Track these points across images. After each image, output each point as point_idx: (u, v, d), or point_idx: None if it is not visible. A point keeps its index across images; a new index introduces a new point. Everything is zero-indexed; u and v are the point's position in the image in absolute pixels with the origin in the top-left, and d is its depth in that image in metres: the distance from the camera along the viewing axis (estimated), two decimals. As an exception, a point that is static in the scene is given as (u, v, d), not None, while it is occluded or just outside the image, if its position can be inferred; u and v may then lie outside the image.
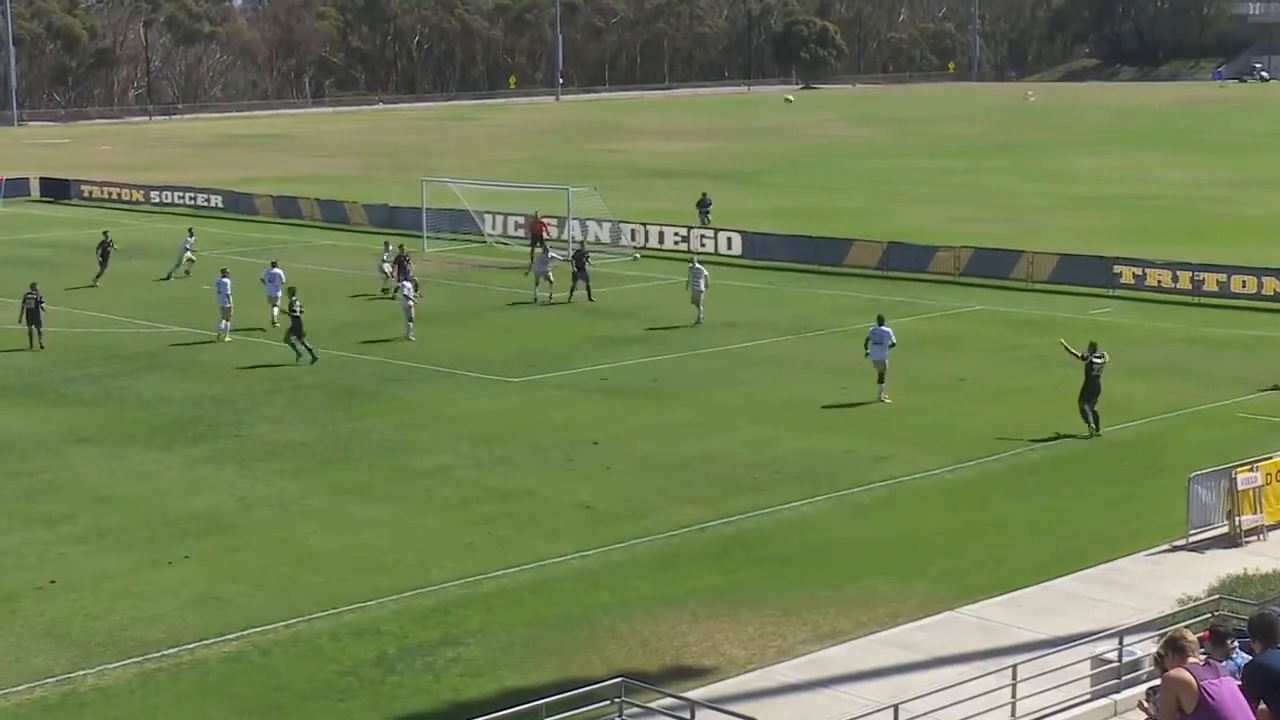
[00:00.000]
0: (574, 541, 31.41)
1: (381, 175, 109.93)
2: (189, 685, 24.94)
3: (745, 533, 32.02)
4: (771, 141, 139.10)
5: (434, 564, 30.20)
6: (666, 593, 28.53)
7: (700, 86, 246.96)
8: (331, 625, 27.21)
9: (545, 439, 39.16)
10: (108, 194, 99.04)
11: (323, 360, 48.41)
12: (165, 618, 27.57)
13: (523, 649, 26.07)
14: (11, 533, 32.35)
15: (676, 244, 71.22)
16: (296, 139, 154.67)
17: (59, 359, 49.23)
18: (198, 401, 43.63)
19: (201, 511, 33.68)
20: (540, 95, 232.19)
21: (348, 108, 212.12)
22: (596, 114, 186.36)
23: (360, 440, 39.39)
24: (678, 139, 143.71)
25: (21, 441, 39.52)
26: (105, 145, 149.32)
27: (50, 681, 24.96)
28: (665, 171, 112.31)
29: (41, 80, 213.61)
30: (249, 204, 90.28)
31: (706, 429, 40.10)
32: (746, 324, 53.93)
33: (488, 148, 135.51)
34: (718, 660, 25.43)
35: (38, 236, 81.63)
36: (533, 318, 56.24)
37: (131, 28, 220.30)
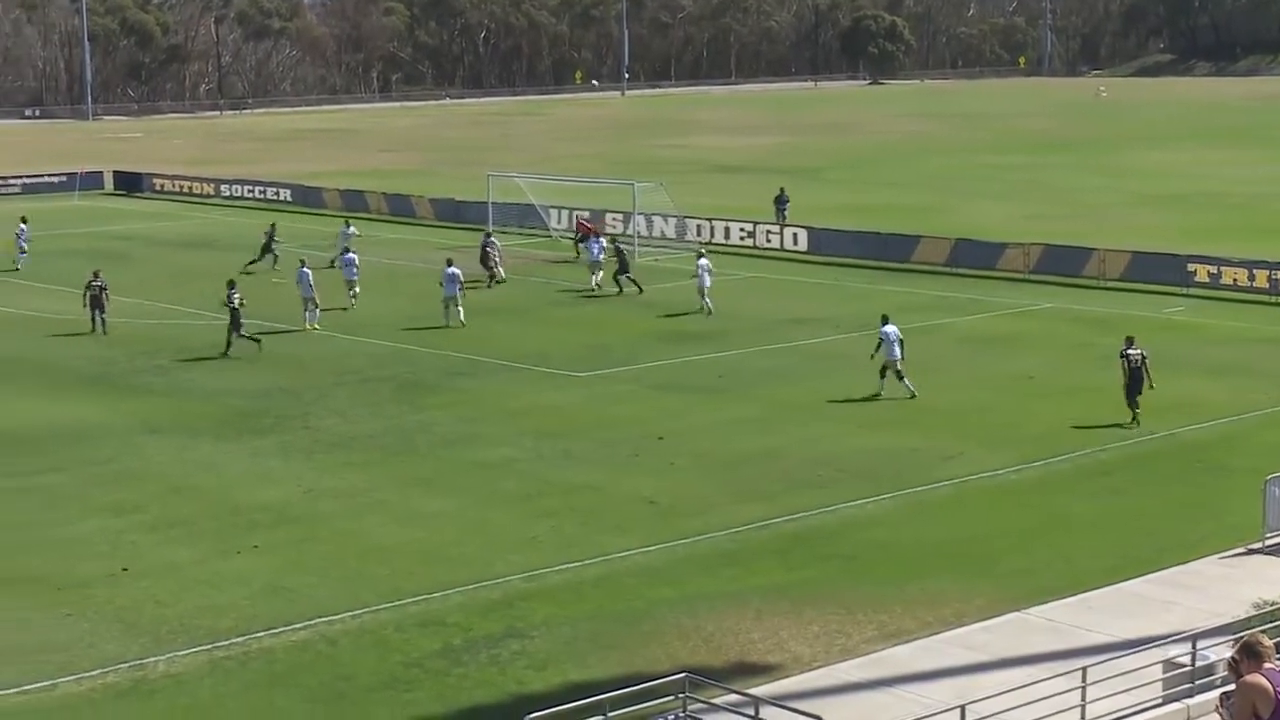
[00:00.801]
0: (638, 536, 31.45)
1: (448, 170, 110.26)
2: (257, 674, 25.14)
3: (809, 530, 31.98)
4: (838, 137, 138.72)
5: (498, 557, 30.31)
6: (730, 589, 28.54)
7: (767, 82, 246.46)
8: (397, 616, 27.36)
9: (609, 434, 39.23)
10: (179, 187, 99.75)
11: (388, 353, 48.67)
12: (234, 607, 27.79)
13: (586, 643, 26.14)
14: (84, 521, 32.67)
15: (742, 239, 71.18)
16: (364, 133, 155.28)
17: (130, 350, 49.63)
18: (266, 393, 43.90)
19: (270, 502, 33.91)
20: (606, 90, 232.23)
21: (415, 102, 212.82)
22: (662, 109, 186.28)
23: (425, 433, 39.56)
24: (744, 134, 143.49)
25: (94, 431, 39.89)
26: (177, 139, 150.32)
27: (122, 667, 25.21)
28: (731, 167, 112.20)
29: (116, 75, 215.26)
30: (317, 198, 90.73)
31: (770, 425, 40.07)
32: (812, 320, 53.83)
33: (553, 143, 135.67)
34: (782, 657, 25.42)
35: (111, 229, 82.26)
36: (597, 312, 56.31)
37: (203, 24, 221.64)
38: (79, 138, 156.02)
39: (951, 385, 44.32)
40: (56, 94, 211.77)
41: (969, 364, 47.24)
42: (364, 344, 50.36)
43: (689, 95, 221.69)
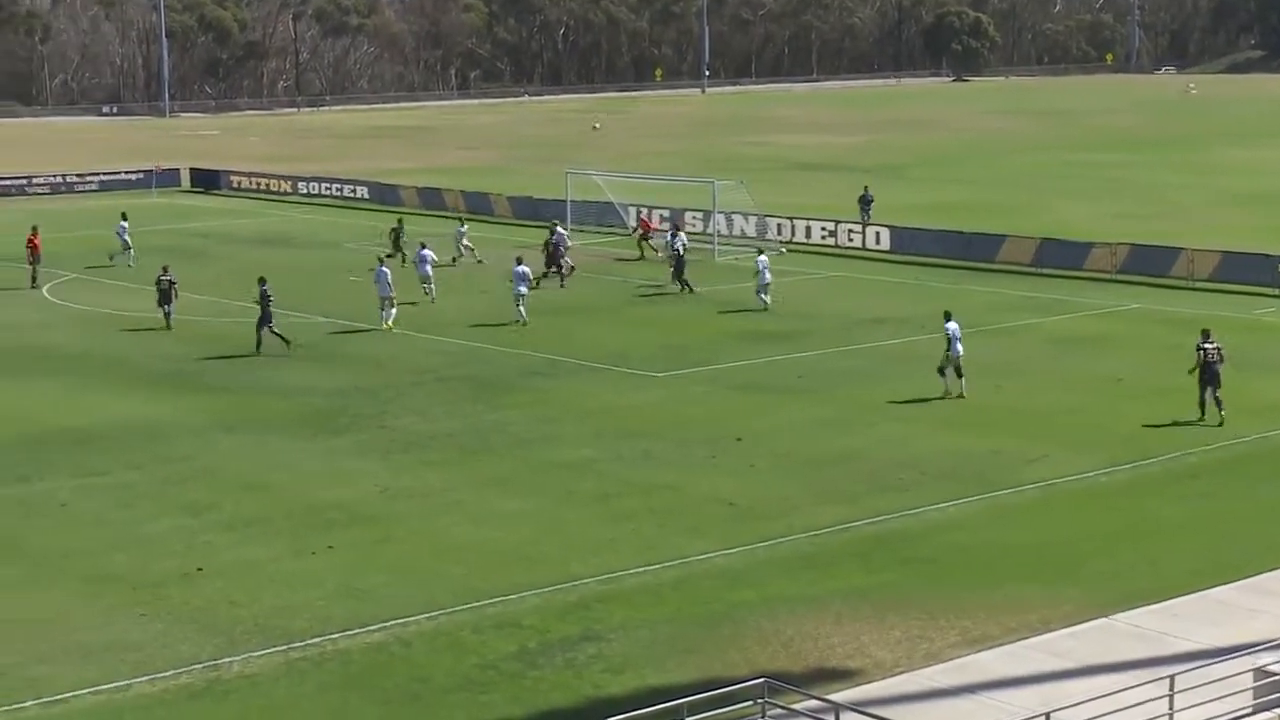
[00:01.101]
0: (716, 538, 31.36)
1: (526, 167, 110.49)
2: (332, 675, 25.20)
3: (890, 533, 31.81)
4: (921, 135, 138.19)
5: (575, 558, 30.28)
6: (810, 592, 28.40)
7: (849, 79, 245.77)
8: (473, 618, 27.36)
9: (688, 434, 39.15)
10: (256, 185, 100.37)
11: (465, 352, 48.79)
12: (309, 607, 27.87)
13: (664, 646, 26.06)
14: (159, 520, 32.87)
15: (824, 238, 70.96)
16: (442, 130, 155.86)
17: (206, 347, 49.92)
18: (342, 392, 44.07)
19: (345, 502, 34.01)
20: (686, 87, 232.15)
21: (493, 99, 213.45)
22: (743, 106, 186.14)
23: (502, 433, 39.59)
24: (825, 132, 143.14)
25: (169, 429, 40.13)
26: (254, 136, 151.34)
27: (197, 668, 25.33)
28: (812, 165, 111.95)
29: (193, 72, 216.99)
30: (394, 195, 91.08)
31: (851, 427, 39.90)
32: (893, 320, 53.59)
33: (633, 140, 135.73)
34: (863, 662, 25.27)
35: (188, 226, 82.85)
36: (676, 312, 56.22)
37: (281, 20, 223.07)
38: (156, 134, 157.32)
39: (1037, 387, 44.01)
40: (134, 91, 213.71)
41: (1055, 365, 46.89)
42: (441, 343, 50.47)
43: (770, 92, 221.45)
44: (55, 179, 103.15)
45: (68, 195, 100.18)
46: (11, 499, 34.41)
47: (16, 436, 39.51)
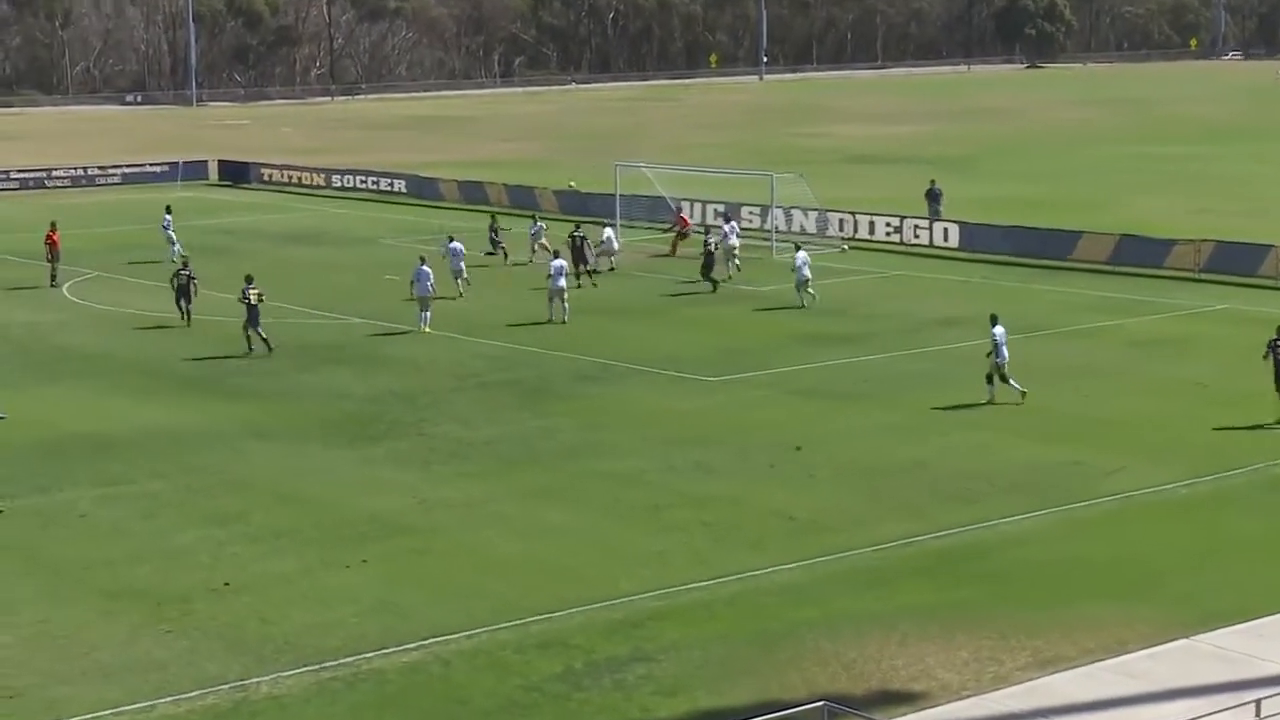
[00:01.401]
0: (775, 553, 31.34)
1: (573, 159, 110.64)
2: (366, 696, 25.27)
3: (960, 548, 31.74)
4: (992, 125, 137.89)
5: (625, 574, 30.30)
6: (874, 610, 28.37)
7: (915, 66, 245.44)
8: (516, 636, 27.41)
9: (745, 443, 39.15)
10: (288, 178, 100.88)
11: (509, 355, 48.89)
12: (342, 624, 27.97)
13: (718, 667, 26.06)
14: (185, 531, 33.03)
15: (888, 235, 70.87)
16: (484, 120, 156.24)
17: (235, 350, 50.10)
18: (379, 397, 44.21)
19: (381, 513, 34.12)
20: (742, 75, 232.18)
21: (538, 87, 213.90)
22: (803, 95, 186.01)
23: (548, 441, 39.66)
24: (890, 122, 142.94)
25: (196, 436, 40.33)
26: (286, 127, 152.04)
27: (223, 688, 25.43)
28: (876, 157, 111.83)
29: (221, 59, 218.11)
30: (433, 189, 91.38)
31: (918, 435, 39.82)
32: (963, 322, 53.43)
33: (686, 131, 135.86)
34: (928, 685, 25.23)
35: (215, 222, 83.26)
36: (732, 313, 56.23)
37: (314, 4, 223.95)
38: (182, 124, 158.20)
39: (1115, 393, 43.87)
40: (159, 78, 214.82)
41: (1134, 370, 46.72)
42: (484, 345, 50.60)
43: (831, 80, 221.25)
44: (76, 171, 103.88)
45: (89, 188, 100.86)
46: (29, 509, 34.63)
47: (34, 443, 39.76)
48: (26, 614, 28.59)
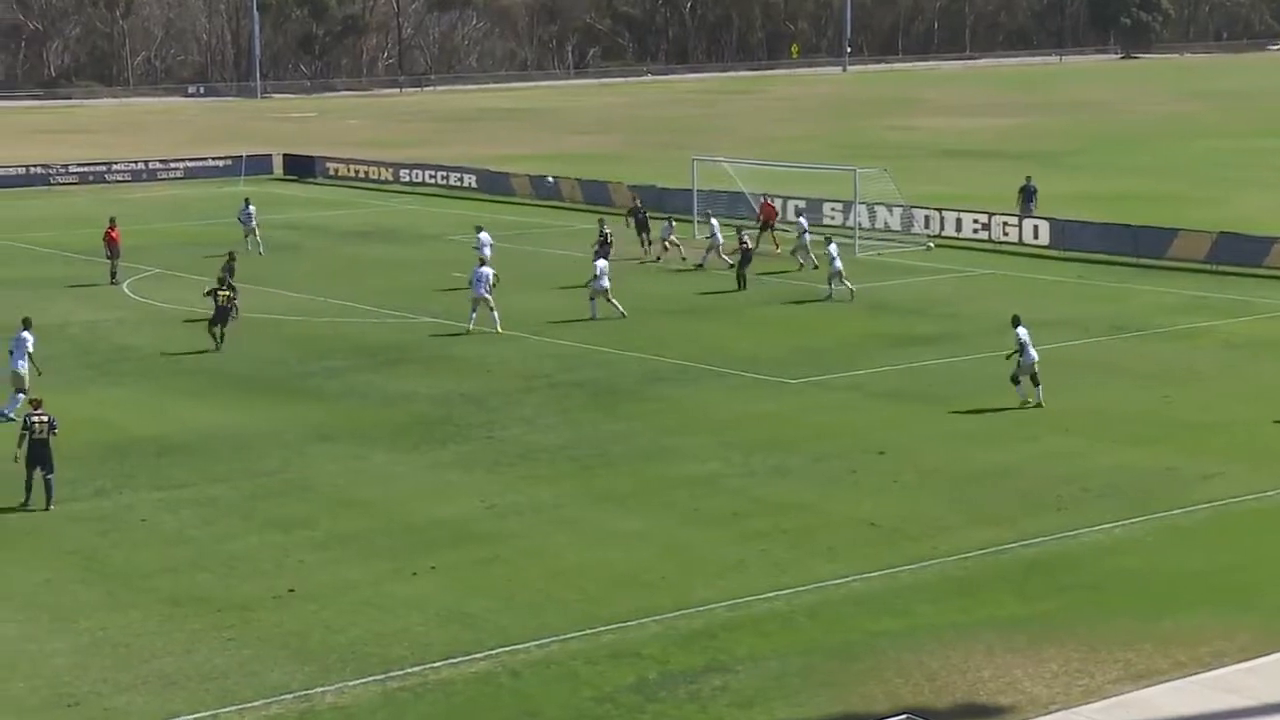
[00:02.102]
0: (856, 562, 31.33)
1: (649, 153, 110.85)
2: (433, 707, 25.39)
3: (1048, 557, 31.64)
4: (1085, 118, 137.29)
5: (700, 582, 30.34)
6: (958, 621, 28.33)
7: (1005, 56, 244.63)
8: (588, 646, 27.49)
9: (825, 447, 39.13)
10: (354, 172, 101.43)
11: (581, 355, 49.00)
12: (409, 633, 28.11)
13: (797, 679, 26.08)
14: (248, 537, 33.27)
15: (976, 232, 70.68)
16: (557, 113, 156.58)
17: (300, 350, 50.45)
18: (446, 399, 44.40)
19: (449, 519, 34.27)
20: (825, 65, 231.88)
21: (613, 79, 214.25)
22: (888, 87, 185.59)
23: (621, 444, 39.73)
24: (978, 115, 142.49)
25: (259, 439, 40.59)
26: (352, 119, 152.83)
27: (287, 698, 25.58)
28: (964, 151, 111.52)
29: (287, 49, 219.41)
30: (504, 184, 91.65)
31: (1005, 440, 39.72)
32: (1052, 323, 53.24)
33: (766, 124, 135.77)
34: (1015, 698, 25.18)
35: (280, 217, 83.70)
36: (812, 313, 56.21)
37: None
38: (246, 117, 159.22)
39: (1213, 396, 43.64)
40: (223, 69, 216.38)
41: (1233, 373, 46.45)
42: (554, 345, 50.74)
43: (917, 71, 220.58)
44: (137, 165, 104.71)
45: (150, 183, 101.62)
46: (89, 513, 34.94)
47: (93, 446, 40.09)
48: (86, 621, 28.87)
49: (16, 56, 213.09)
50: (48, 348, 50.47)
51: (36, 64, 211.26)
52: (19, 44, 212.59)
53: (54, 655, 27.32)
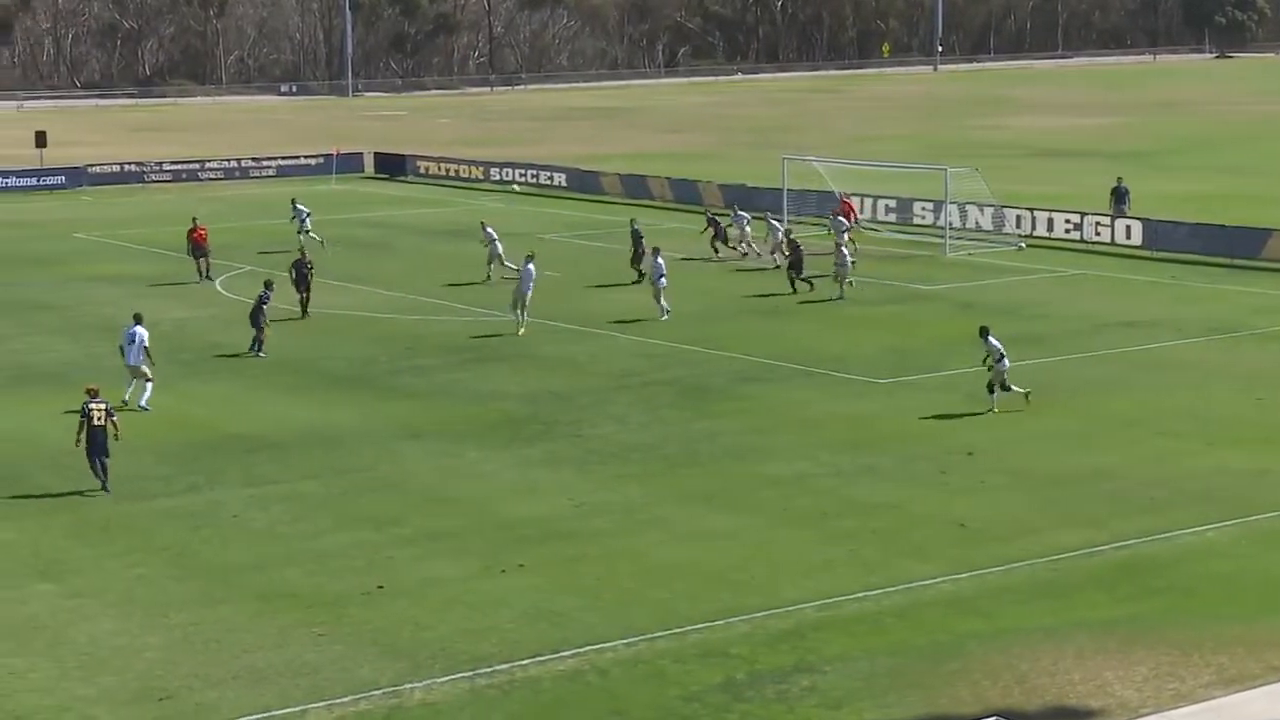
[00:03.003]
0: (944, 563, 31.23)
1: (739, 152, 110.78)
2: (521, 705, 25.47)
3: (1140, 559, 31.45)
4: (1179, 117, 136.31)
5: (788, 582, 30.32)
6: (1048, 623, 28.20)
7: (1098, 55, 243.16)
8: (675, 645, 27.51)
9: (914, 448, 39.01)
10: (445, 171, 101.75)
11: (672, 354, 49.01)
12: (497, 630, 28.21)
13: (885, 680, 26.02)
14: (338, 534, 33.46)
15: (1068, 232, 70.28)
16: (647, 112, 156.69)
17: (391, 348, 50.67)
18: (535, 397, 44.50)
19: (537, 517, 34.36)
20: (916, 65, 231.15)
21: (703, 78, 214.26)
22: (979, 86, 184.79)
23: (710, 443, 39.73)
24: (1070, 114, 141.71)
25: (350, 437, 40.79)
26: (443, 118, 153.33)
27: (376, 694, 25.73)
28: (1056, 151, 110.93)
29: (378, 48, 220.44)
30: (594, 183, 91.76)
31: (1097, 441, 39.49)
32: (1145, 324, 52.95)
33: (856, 123, 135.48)
34: (1105, 701, 25.05)
35: (370, 215, 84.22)
36: (901, 313, 56.03)
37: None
38: (338, 115, 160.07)
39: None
40: (314, 68, 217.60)
41: (1328, 375, 46.06)
42: (643, 344, 50.77)
43: (1009, 70, 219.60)
44: (230, 163, 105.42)
45: (242, 181, 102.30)
46: (181, 509, 35.23)
47: (186, 443, 40.43)
48: (178, 615, 29.11)
49: (112, 55, 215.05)
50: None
51: (132, 63, 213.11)
52: (115, 43, 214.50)
53: (146, 649, 27.58)
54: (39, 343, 52.80)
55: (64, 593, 30.34)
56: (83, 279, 64.13)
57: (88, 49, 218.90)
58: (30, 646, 27.80)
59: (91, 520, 34.49)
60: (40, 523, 34.38)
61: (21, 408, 44.41)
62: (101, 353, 50.86)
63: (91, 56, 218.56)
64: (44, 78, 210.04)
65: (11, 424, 42.59)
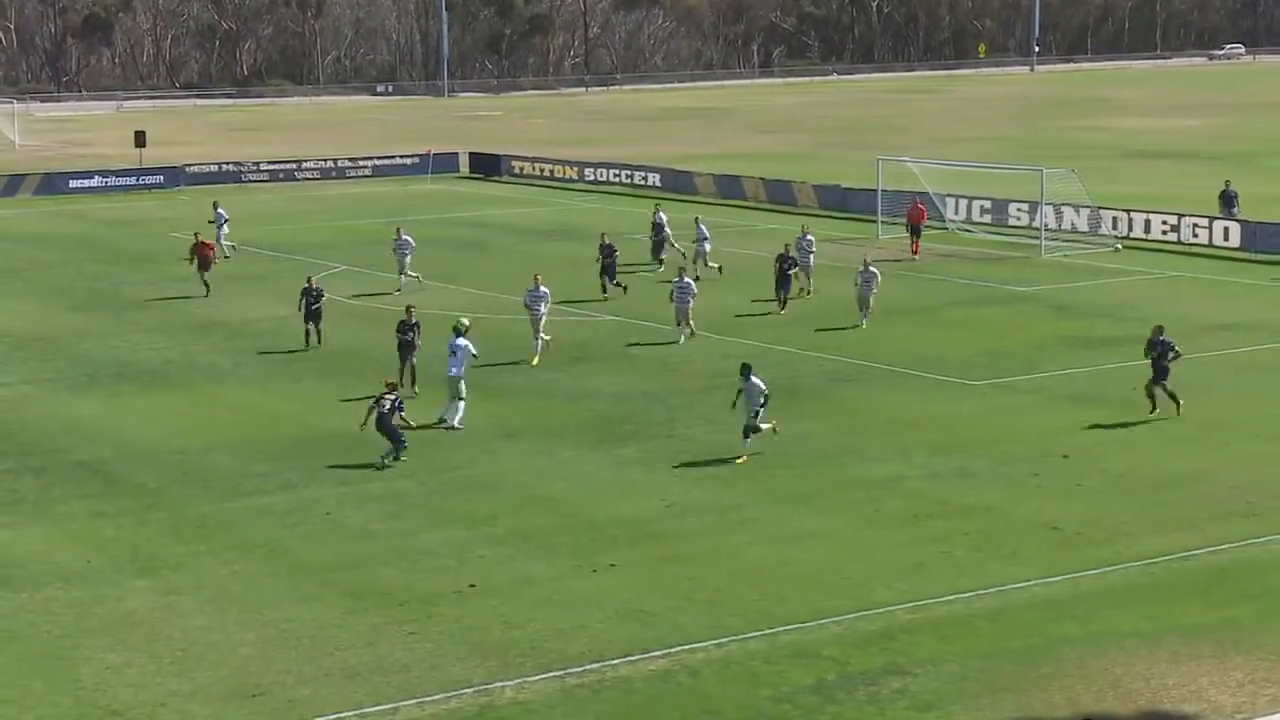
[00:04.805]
0: (1038, 566, 31.07)
1: (834, 153, 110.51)
2: (612, 704, 25.50)
3: (1237, 564, 31.19)
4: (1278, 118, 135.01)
5: (880, 584, 30.24)
6: (1142, 627, 28.01)
7: (1198, 56, 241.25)
8: (766, 646, 27.49)
9: (1008, 450, 38.82)
10: (539, 170, 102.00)
11: (764, 355, 48.91)
12: (588, 630, 28.26)
13: (977, 683, 25.92)
14: (432, 532, 33.59)
15: (1165, 234, 69.75)
16: (741, 113, 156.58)
17: (486, 347, 50.55)
18: (629, 397, 44.54)
19: (629, 516, 34.40)
20: (1012, 65, 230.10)
21: (798, 78, 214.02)
22: (1076, 86, 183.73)
23: (802, 444, 39.65)
24: (1169, 115, 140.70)
25: (445, 435, 40.92)
26: (538, 118, 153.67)
27: (467, 692, 25.83)
28: (1153, 152, 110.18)
29: (474, 48, 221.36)
30: (688, 183, 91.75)
31: (1194, 445, 39.18)
32: (1242, 326, 52.52)
33: (952, 123, 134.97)
34: (1199, 707, 24.86)
35: (464, 215, 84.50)
36: (996, 314, 55.77)
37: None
38: (434, 115, 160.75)
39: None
40: (410, 69, 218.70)
41: None
42: (736, 344, 50.71)
43: (1107, 71, 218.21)
44: (326, 163, 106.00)
45: (338, 181, 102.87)
46: (276, 507, 35.48)
47: (282, 440, 40.71)
48: (271, 613, 29.31)
49: (211, 55, 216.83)
50: (236, 343, 51.37)
51: (230, 63, 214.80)
52: (214, 43, 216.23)
53: (240, 646, 27.79)
54: (137, 340, 53.27)
55: (160, 589, 30.62)
56: (179, 278, 64.60)
57: (187, 50, 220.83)
58: (127, 642, 28.09)
59: (188, 518, 34.79)
60: (138, 519, 34.72)
61: (121, 405, 44.83)
62: (196, 351, 51.37)
63: (190, 57, 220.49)
64: (143, 78, 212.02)
65: (111, 422, 42.99)
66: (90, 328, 55.50)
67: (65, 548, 33.03)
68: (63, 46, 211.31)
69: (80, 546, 33.09)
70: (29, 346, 52.59)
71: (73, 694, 26.08)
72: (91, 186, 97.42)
